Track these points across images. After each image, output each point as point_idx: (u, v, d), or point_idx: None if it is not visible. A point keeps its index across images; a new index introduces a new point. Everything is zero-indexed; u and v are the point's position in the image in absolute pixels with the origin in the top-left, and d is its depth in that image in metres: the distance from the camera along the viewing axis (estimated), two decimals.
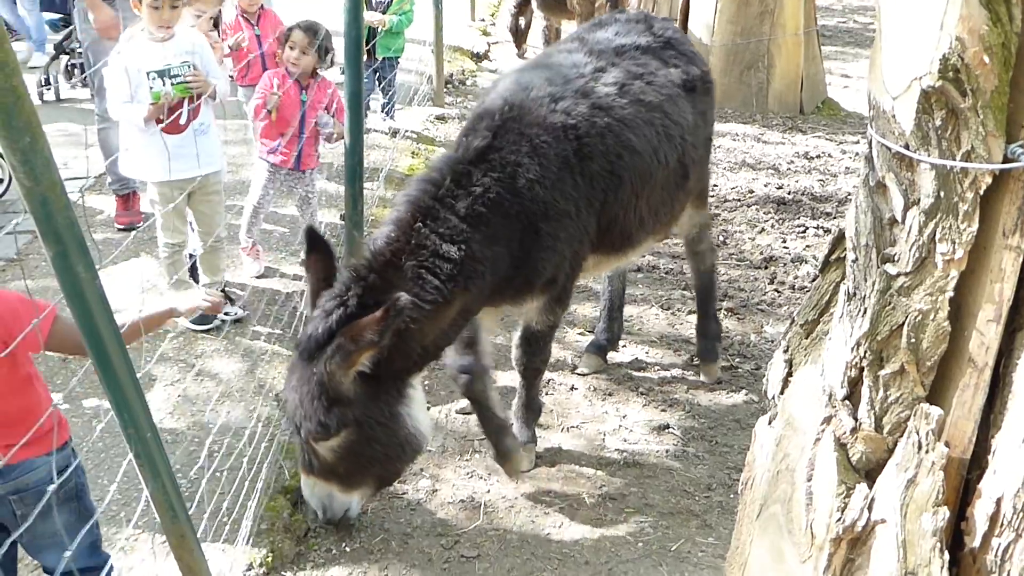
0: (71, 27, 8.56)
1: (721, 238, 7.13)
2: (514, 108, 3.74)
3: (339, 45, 5.18)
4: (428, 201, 3.49)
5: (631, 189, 4.01)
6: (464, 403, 4.97)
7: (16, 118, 2.07)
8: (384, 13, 8.45)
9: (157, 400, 4.48)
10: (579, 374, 5.27)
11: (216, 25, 6.73)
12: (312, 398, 3.26)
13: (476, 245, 3.48)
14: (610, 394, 5.11)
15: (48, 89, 9.30)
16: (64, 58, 9.37)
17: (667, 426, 4.87)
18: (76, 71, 9.13)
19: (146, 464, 2.77)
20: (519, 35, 11.76)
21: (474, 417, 4.89)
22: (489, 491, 4.34)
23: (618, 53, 4.30)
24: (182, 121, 5.00)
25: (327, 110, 5.92)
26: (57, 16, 9.87)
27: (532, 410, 4.50)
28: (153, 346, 4.44)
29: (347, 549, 3.96)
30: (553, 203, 3.67)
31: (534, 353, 4.26)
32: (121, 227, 6.57)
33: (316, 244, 3.51)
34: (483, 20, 13.72)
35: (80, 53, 7.61)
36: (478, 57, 11.91)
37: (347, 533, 4.00)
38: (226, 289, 5.34)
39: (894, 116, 2.15)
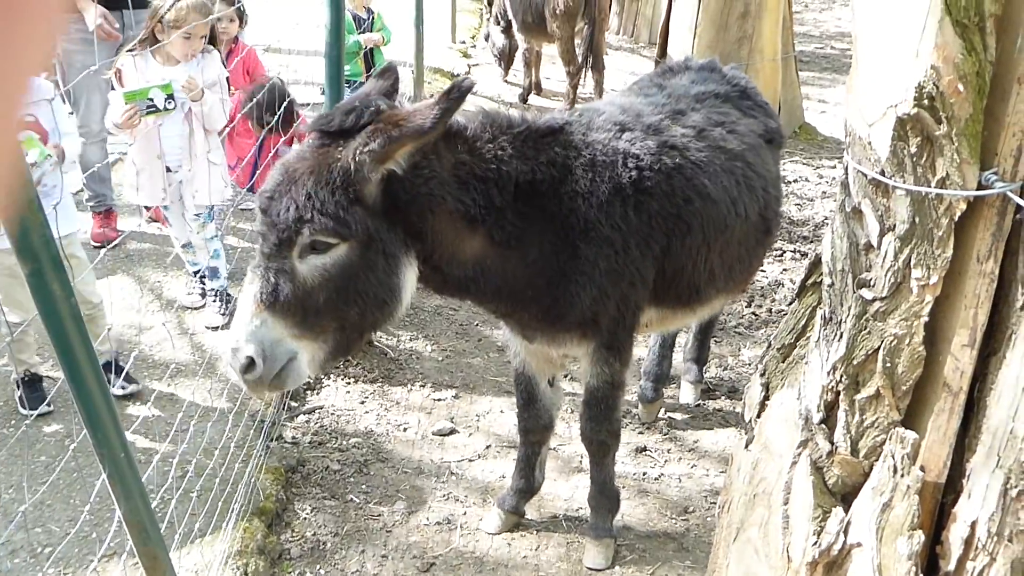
0: None
1: None
2: (577, 125, 3.47)
3: (320, 66, 5.19)
4: (501, 129, 3.20)
5: (702, 239, 3.66)
6: (441, 424, 4.97)
7: None
8: (370, 31, 8.48)
9: (129, 419, 4.45)
10: (643, 423, 5.16)
11: None
12: (332, 188, 2.78)
13: (510, 210, 3.16)
14: None
15: None
16: (43, 73, 9.33)
17: (644, 448, 4.88)
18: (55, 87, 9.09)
19: (119, 484, 2.75)
20: (506, 58, 11.79)
21: (450, 438, 4.90)
22: (465, 513, 4.32)
23: (698, 99, 4.05)
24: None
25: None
26: None
27: (607, 497, 4.11)
28: (126, 364, 4.41)
29: (322, 572, 3.93)
30: (596, 225, 3.32)
31: (596, 420, 3.88)
32: (97, 244, 6.53)
33: (390, 75, 3.19)
34: (463, 42, 13.76)
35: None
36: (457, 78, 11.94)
37: (269, 394, 3.48)
38: (119, 361, 4.95)
39: (870, 143, 2.17)
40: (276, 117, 5.60)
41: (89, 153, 6.43)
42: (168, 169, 5.37)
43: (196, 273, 5.79)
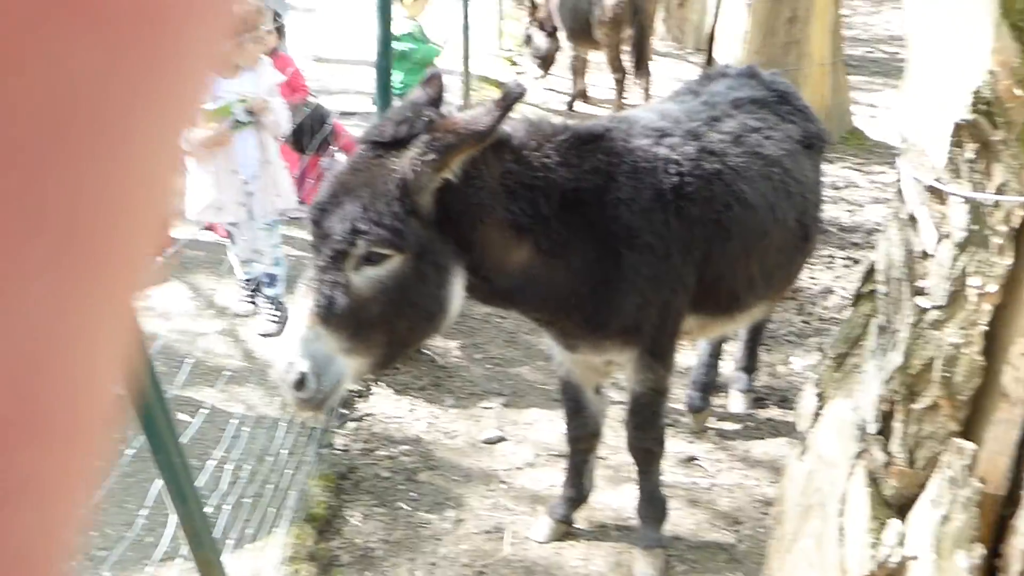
0: None
1: None
2: (618, 131, 3.44)
3: (370, 76, 5.23)
4: (546, 137, 3.19)
5: (741, 245, 3.66)
6: (490, 433, 4.98)
7: None
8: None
9: (183, 425, 4.50)
10: (692, 432, 5.14)
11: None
12: (388, 199, 2.74)
13: (556, 219, 3.14)
14: None
15: None
16: None
17: (694, 458, 4.85)
18: None
19: (174, 490, 2.79)
20: (546, 61, 11.78)
21: (499, 447, 4.90)
22: (515, 522, 4.32)
23: (735, 106, 4.02)
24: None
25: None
26: None
27: (655, 506, 4.06)
28: (178, 371, 4.46)
29: None
30: (638, 231, 3.29)
31: (641, 428, 3.85)
32: None
33: (435, 83, 3.17)
34: (510, 50, 13.78)
35: None
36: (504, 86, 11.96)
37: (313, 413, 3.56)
38: None
39: (925, 150, 2.14)
40: (316, 139, 5.68)
41: None
42: (244, 181, 5.43)
43: (249, 281, 5.84)
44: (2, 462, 0.33)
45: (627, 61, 10.24)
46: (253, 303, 5.86)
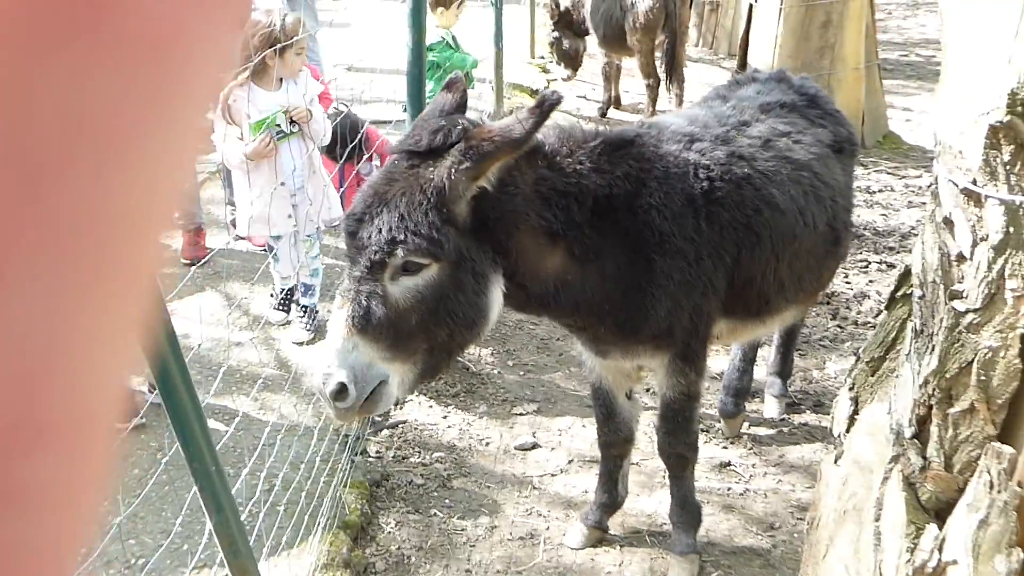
0: None
1: None
2: (648, 137, 3.46)
3: (402, 85, 5.25)
4: (578, 143, 3.20)
5: (771, 249, 3.65)
6: (523, 439, 4.98)
7: None
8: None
9: (218, 433, 4.53)
10: (726, 437, 5.12)
11: None
12: (426, 208, 2.76)
13: (588, 225, 3.15)
14: None
15: None
16: None
17: (729, 463, 4.82)
18: None
19: (210, 498, 2.81)
20: (573, 62, 11.75)
21: (532, 453, 4.90)
22: (548, 528, 4.32)
23: (764, 110, 4.03)
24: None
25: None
26: None
27: (688, 512, 4.05)
28: (215, 379, 4.50)
29: None
30: (671, 237, 3.30)
31: (673, 433, 3.85)
32: (186, 261, 6.69)
33: (457, 88, 3.19)
34: (542, 57, 13.80)
35: None
36: (537, 95, 11.98)
37: (355, 422, 3.51)
38: None
39: (961, 152, 2.12)
40: (349, 148, 5.70)
41: None
42: (291, 194, 5.48)
43: (283, 291, 5.90)
44: (5, 467, 0.33)
45: (660, 68, 10.21)
46: (286, 311, 5.90)
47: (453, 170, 2.76)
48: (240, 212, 5.62)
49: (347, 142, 5.61)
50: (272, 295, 6.02)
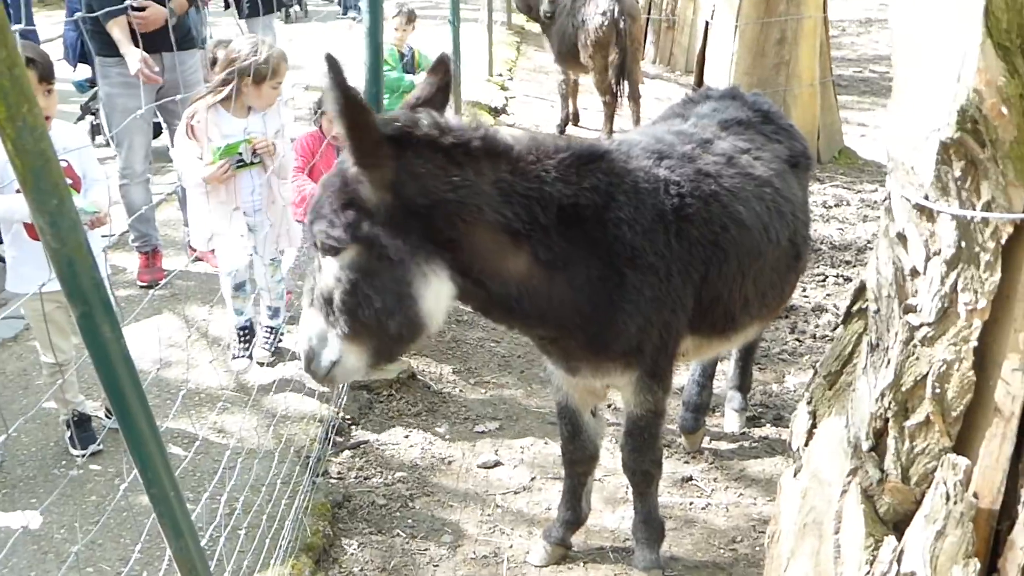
0: (96, 88, 8.71)
1: None
2: (619, 152, 3.48)
3: None
4: (546, 154, 3.23)
5: (737, 266, 3.67)
6: (485, 457, 4.97)
7: (44, 181, 2.10)
8: (413, 73, 8.54)
9: (177, 458, 4.48)
10: (687, 452, 5.11)
11: None
12: (335, 194, 2.96)
13: (555, 231, 3.17)
14: None
15: None
16: (89, 118, 9.57)
17: (690, 478, 4.84)
18: (100, 130, 9.29)
19: (169, 523, 2.77)
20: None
21: (495, 471, 4.89)
22: (512, 546, 4.31)
23: (723, 127, 4.08)
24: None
25: None
26: (84, 78, 10.06)
27: (652, 528, 4.06)
28: (174, 403, 4.46)
29: None
30: (641, 252, 3.31)
31: (639, 450, 3.87)
32: (143, 284, 6.63)
33: (440, 69, 3.45)
34: (500, 75, 13.84)
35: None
36: (496, 112, 12.00)
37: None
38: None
39: (913, 168, 2.16)
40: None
41: (133, 194, 6.55)
42: (244, 213, 5.41)
43: (243, 331, 5.71)
44: None
45: (614, 84, 10.25)
46: (249, 357, 5.72)
47: (353, 160, 2.89)
48: (195, 229, 5.55)
49: None
50: (234, 341, 5.76)
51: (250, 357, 5.69)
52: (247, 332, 5.69)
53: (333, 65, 2.74)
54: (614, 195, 3.30)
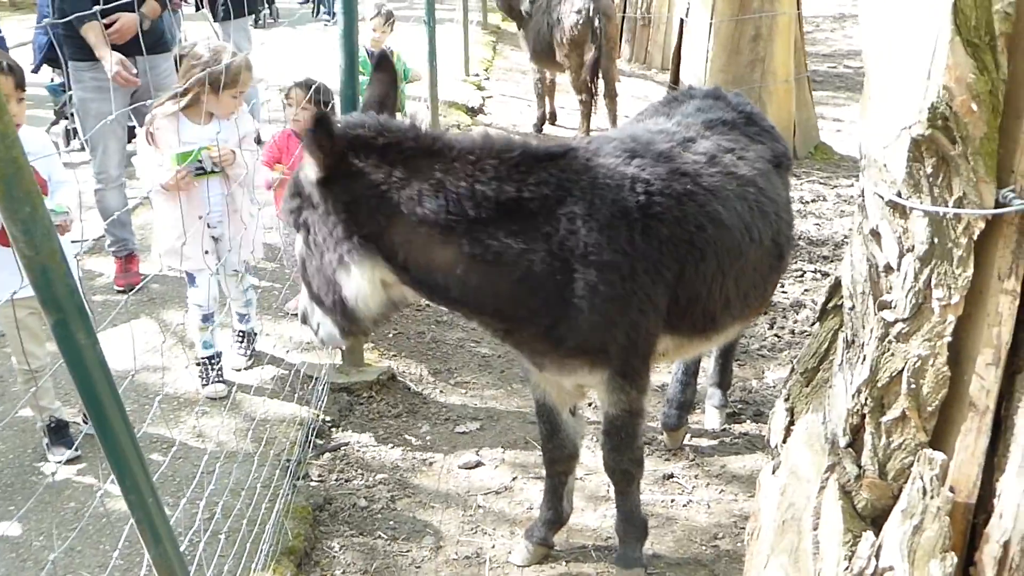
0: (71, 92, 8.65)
1: None
2: (583, 151, 3.53)
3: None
4: (490, 153, 3.33)
5: (716, 266, 3.67)
6: (467, 458, 4.96)
7: (16, 188, 2.08)
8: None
9: (156, 463, 4.46)
10: (668, 449, 5.13)
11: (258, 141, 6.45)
12: (292, 182, 3.40)
13: (492, 225, 3.26)
14: None
15: None
16: (63, 122, 9.50)
17: (671, 475, 4.85)
18: (74, 134, 9.22)
19: (147, 529, 2.76)
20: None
21: (476, 471, 4.89)
22: (494, 546, 4.31)
23: (708, 127, 4.09)
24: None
25: None
26: (58, 82, 9.98)
27: (634, 526, 4.06)
28: (151, 407, 4.44)
29: None
30: (596, 248, 3.34)
31: (617, 449, 3.87)
32: (120, 288, 6.59)
33: (384, 65, 3.66)
34: (477, 74, 13.84)
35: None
36: (473, 111, 12.00)
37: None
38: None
39: (885, 165, 2.17)
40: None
41: (108, 199, 6.51)
42: (208, 225, 5.27)
43: (211, 359, 5.48)
44: None
45: (590, 83, 10.25)
46: (222, 381, 5.49)
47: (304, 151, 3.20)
48: (157, 237, 5.46)
49: None
50: (203, 367, 5.52)
51: (223, 382, 5.48)
52: (216, 359, 5.50)
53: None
54: (570, 191, 3.35)
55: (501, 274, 3.31)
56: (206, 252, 5.16)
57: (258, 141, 6.24)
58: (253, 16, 10.69)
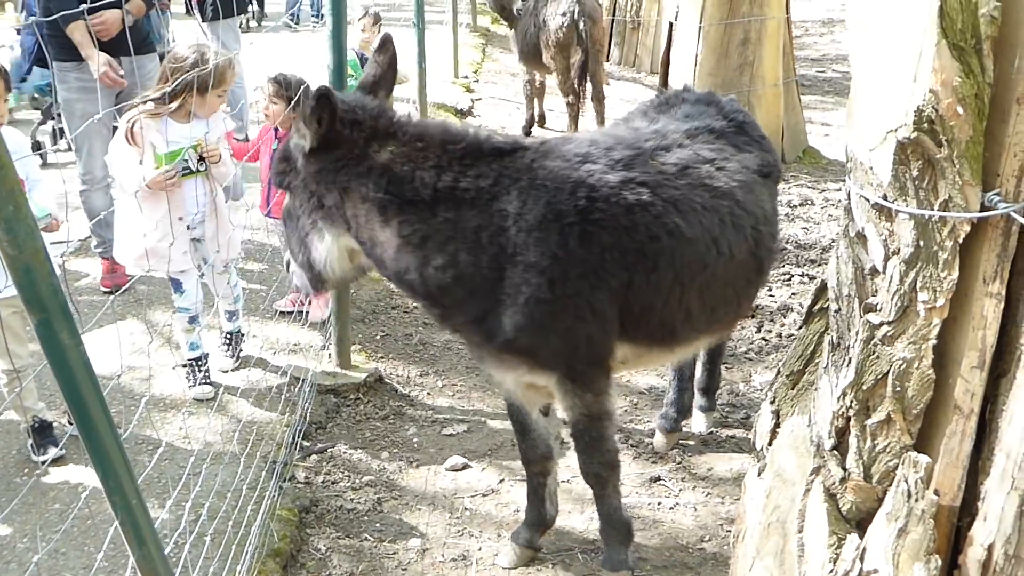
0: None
1: None
2: (532, 151, 3.58)
3: None
4: (437, 141, 3.51)
5: (673, 277, 3.60)
6: (453, 460, 4.95)
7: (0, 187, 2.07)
8: None
9: (141, 464, 4.44)
10: (655, 452, 5.11)
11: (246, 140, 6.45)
12: (282, 146, 3.70)
13: (423, 212, 3.42)
14: None
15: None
16: (51, 122, 9.46)
17: (658, 478, 4.85)
18: (61, 134, 9.18)
19: (132, 531, 2.74)
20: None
21: (463, 473, 4.88)
22: (480, 548, 4.30)
23: (689, 135, 3.99)
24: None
25: None
26: (45, 82, 9.94)
27: (617, 529, 4.01)
28: (137, 408, 4.42)
29: None
30: (522, 249, 3.38)
31: (586, 452, 3.87)
32: (106, 289, 6.56)
33: (385, 48, 3.78)
34: (466, 77, 13.84)
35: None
36: (462, 113, 12.00)
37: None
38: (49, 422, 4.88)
39: (871, 168, 2.17)
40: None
41: (94, 200, 6.48)
42: (188, 227, 5.22)
43: (197, 361, 5.43)
44: None
45: (577, 85, 10.24)
46: (209, 383, 5.44)
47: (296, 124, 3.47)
48: (122, 242, 5.31)
49: None
50: (191, 369, 5.48)
51: (209, 383, 5.44)
52: (202, 360, 5.45)
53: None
54: (507, 189, 3.42)
55: (427, 259, 3.44)
56: (184, 252, 5.15)
57: (246, 139, 6.24)
58: (243, 17, 10.68)
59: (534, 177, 3.45)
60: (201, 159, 5.14)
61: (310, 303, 6.16)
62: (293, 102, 5.32)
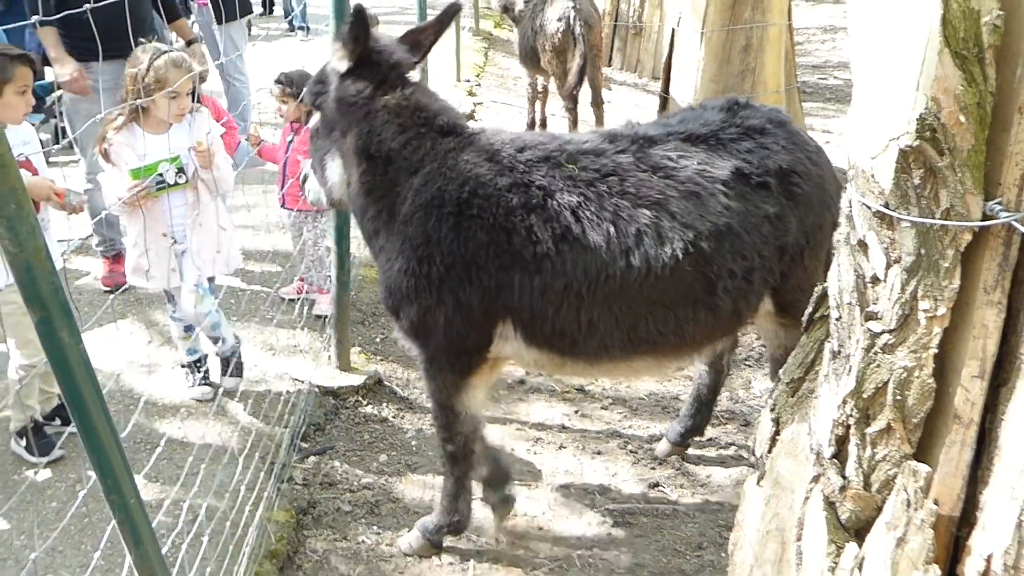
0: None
1: None
2: (471, 140, 3.74)
3: None
4: (412, 107, 3.77)
5: (563, 284, 3.48)
6: None
7: (1, 185, 2.07)
8: None
9: (139, 464, 4.44)
10: (656, 459, 5.09)
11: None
12: (320, 70, 3.95)
13: (374, 165, 3.75)
14: (599, 452, 5.09)
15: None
16: (54, 120, 9.47)
17: (657, 484, 4.85)
18: (64, 133, 9.18)
19: (129, 531, 2.74)
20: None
21: None
22: (478, 551, 4.30)
23: (655, 141, 3.73)
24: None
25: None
26: (48, 80, 9.94)
27: (443, 505, 4.25)
28: (136, 407, 4.41)
29: None
30: (404, 220, 3.67)
31: (436, 425, 4.12)
32: (107, 288, 6.56)
33: (451, 11, 4.23)
34: (468, 81, 13.83)
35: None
36: (464, 118, 11.99)
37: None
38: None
39: (873, 175, 2.17)
40: None
41: (97, 198, 6.47)
42: (174, 240, 4.98)
43: (197, 363, 5.35)
44: None
45: (574, 89, 10.22)
46: (208, 384, 5.36)
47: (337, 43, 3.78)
48: (127, 254, 5.20)
49: None
50: (188, 371, 5.42)
51: (208, 384, 5.35)
52: (201, 362, 5.36)
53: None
54: (423, 165, 3.66)
55: (364, 206, 3.82)
56: (173, 270, 4.96)
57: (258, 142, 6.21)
58: (246, 18, 10.64)
59: (444, 162, 3.64)
60: (180, 171, 4.82)
61: (318, 291, 6.26)
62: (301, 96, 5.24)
